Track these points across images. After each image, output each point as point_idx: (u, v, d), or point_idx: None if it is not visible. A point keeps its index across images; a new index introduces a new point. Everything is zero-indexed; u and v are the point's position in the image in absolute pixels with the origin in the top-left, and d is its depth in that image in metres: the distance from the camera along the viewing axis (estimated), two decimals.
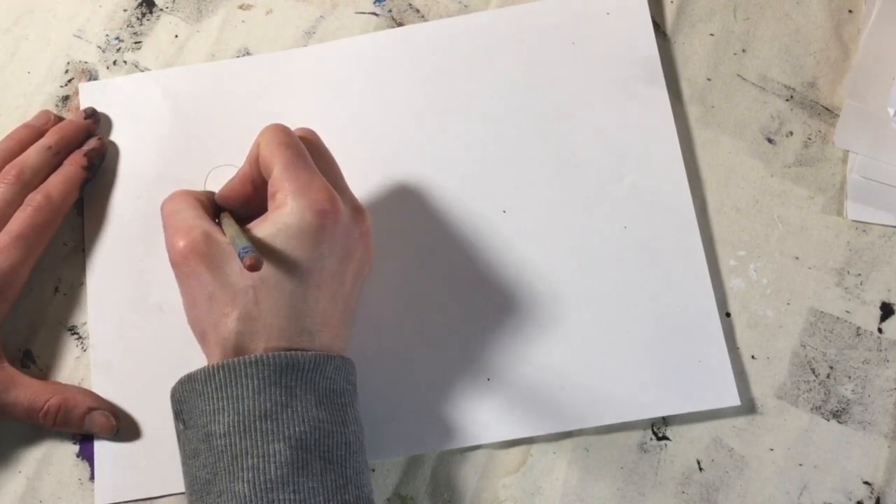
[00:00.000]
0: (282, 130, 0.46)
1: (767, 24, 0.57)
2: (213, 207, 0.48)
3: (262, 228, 0.44)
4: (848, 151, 0.54)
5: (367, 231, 0.47)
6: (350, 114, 0.56)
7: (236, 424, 0.41)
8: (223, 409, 0.41)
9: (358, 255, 0.46)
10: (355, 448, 0.43)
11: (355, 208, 0.46)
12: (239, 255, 0.41)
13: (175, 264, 0.45)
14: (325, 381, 0.43)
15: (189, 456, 0.42)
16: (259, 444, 0.40)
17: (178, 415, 0.43)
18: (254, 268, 0.40)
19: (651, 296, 0.51)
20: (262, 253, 0.42)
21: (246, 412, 0.41)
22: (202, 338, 0.45)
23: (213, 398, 0.41)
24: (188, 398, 0.43)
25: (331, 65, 0.57)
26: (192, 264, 0.44)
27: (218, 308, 0.43)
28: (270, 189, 0.45)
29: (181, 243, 0.44)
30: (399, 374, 0.50)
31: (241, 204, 0.48)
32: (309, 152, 0.46)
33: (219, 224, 0.47)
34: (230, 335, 0.43)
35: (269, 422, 0.41)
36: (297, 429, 0.41)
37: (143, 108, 0.56)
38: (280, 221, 0.44)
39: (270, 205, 0.45)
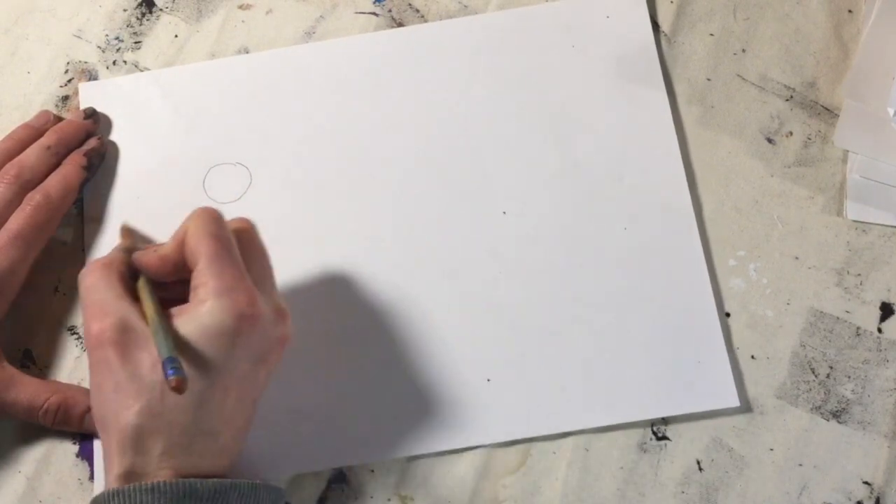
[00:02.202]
0: (213, 219, 0.44)
1: (767, 24, 0.57)
2: (132, 272, 0.46)
3: (181, 323, 0.42)
4: (848, 151, 0.54)
5: (285, 336, 0.45)
6: (349, 113, 0.56)
7: None
8: None
9: (273, 359, 0.45)
10: None
11: (278, 311, 0.45)
12: (164, 367, 0.40)
13: (88, 347, 0.43)
14: None
15: None
16: None
17: None
18: (179, 390, 0.39)
19: (651, 296, 0.51)
20: (178, 349, 0.41)
21: None
22: (101, 425, 0.43)
23: None
24: None
25: (331, 63, 0.57)
26: (104, 351, 0.42)
27: (122, 399, 0.41)
28: (193, 281, 0.44)
29: (96, 329, 0.42)
30: (399, 374, 0.50)
31: (160, 277, 0.46)
32: (241, 245, 0.45)
33: (135, 293, 0.45)
34: (128, 429, 0.41)
35: None
36: None
37: (143, 108, 0.56)
38: (198, 320, 0.42)
39: (192, 297, 0.43)
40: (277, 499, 0.44)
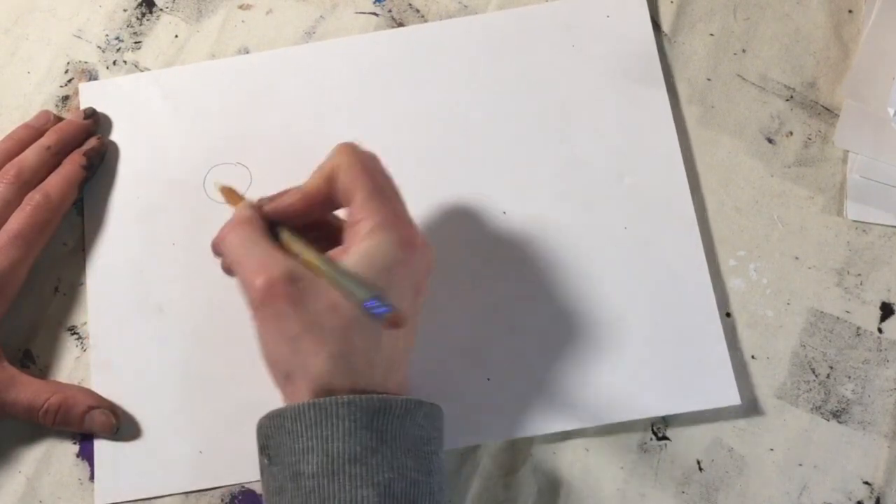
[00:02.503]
0: (364, 154, 0.44)
1: (767, 24, 0.57)
2: (269, 226, 0.45)
3: (350, 262, 0.42)
4: (848, 151, 0.54)
5: (431, 263, 0.45)
6: (349, 113, 0.56)
7: (325, 466, 0.40)
8: (312, 448, 0.40)
9: (424, 288, 0.45)
10: (439, 498, 0.42)
11: (424, 243, 0.45)
12: (367, 309, 0.39)
13: (256, 305, 0.42)
14: (414, 427, 0.42)
15: (274, 493, 0.41)
16: (347, 488, 0.39)
17: (264, 449, 0.42)
18: (398, 324, 0.39)
19: (651, 296, 0.51)
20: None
21: (335, 454, 0.40)
22: (286, 378, 0.43)
23: (302, 437, 0.40)
24: (275, 434, 0.41)
25: (331, 63, 0.57)
26: (277, 305, 0.41)
27: (306, 347, 0.41)
28: (351, 217, 0.43)
29: (262, 283, 0.42)
30: None
31: (301, 219, 0.46)
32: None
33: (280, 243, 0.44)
34: (320, 375, 0.41)
35: (358, 466, 0.40)
36: (385, 475, 0.40)
37: (143, 108, 0.56)
38: (368, 255, 0.42)
39: (350, 233, 0.43)
40: (442, 423, 0.45)
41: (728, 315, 0.51)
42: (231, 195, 0.48)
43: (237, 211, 0.46)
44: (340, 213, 0.46)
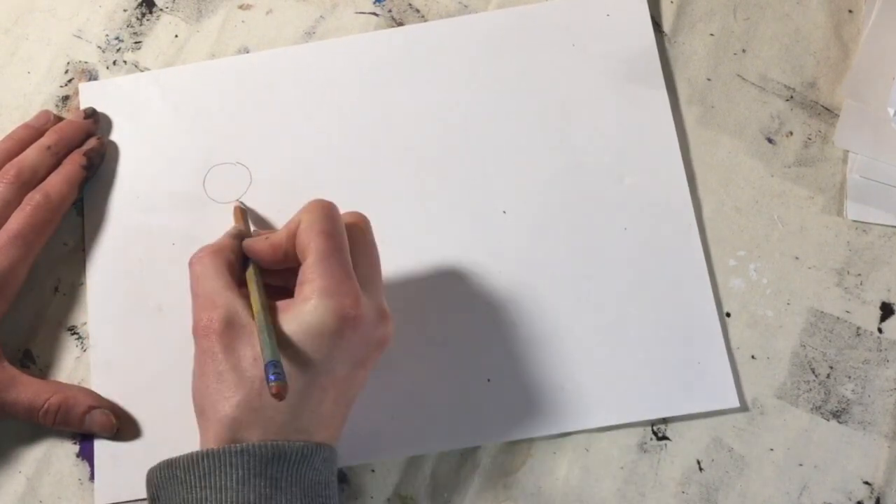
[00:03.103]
0: (326, 215, 0.44)
1: (767, 24, 0.57)
2: (241, 258, 0.47)
3: (285, 321, 0.43)
4: (848, 151, 0.54)
5: (387, 337, 0.45)
6: (350, 113, 0.56)
7: None
8: (206, 499, 0.40)
9: (371, 362, 0.45)
10: None
11: (380, 312, 0.44)
12: (266, 370, 0.40)
13: (195, 335, 0.44)
14: (311, 472, 0.42)
15: None
16: None
17: (154, 501, 0.42)
18: (279, 397, 0.39)
19: (651, 296, 0.51)
20: (279, 346, 0.41)
21: None
22: (200, 412, 0.44)
23: (195, 487, 0.40)
24: (167, 485, 0.41)
25: (331, 63, 0.57)
26: (209, 341, 0.43)
27: (223, 389, 0.42)
28: (301, 276, 0.44)
29: (204, 319, 0.43)
30: (399, 375, 0.50)
31: (269, 265, 0.47)
32: (352, 241, 0.45)
33: (243, 280, 0.46)
34: (226, 420, 0.42)
35: None
36: None
37: (143, 108, 0.56)
38: (302, 318, 0.42)
39: (297, 292, 0.44)
40: (336, 464, 0.45)
41: (728, 315, 0.51)
42: (238, 216, 0.51)
43: (220, 237, 0.48)
44: None
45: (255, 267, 0.46)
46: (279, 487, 0.40)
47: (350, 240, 0.45)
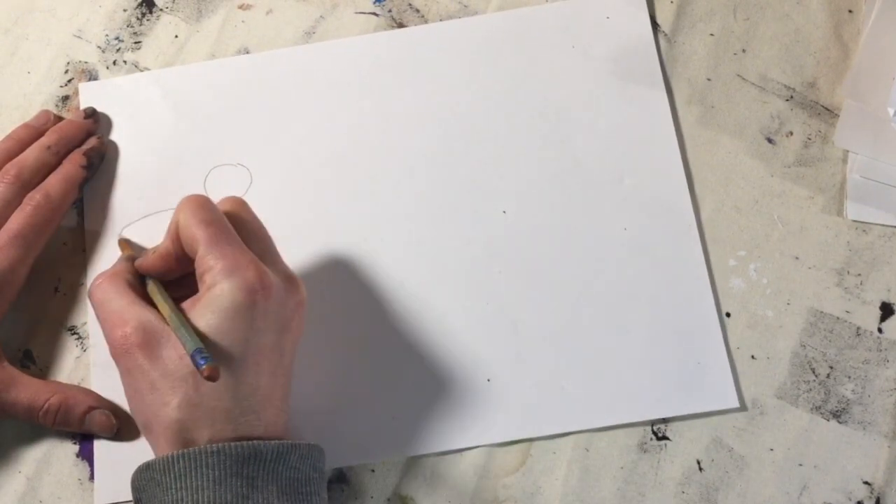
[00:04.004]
0: (200, 206, 0.45)
1: (767, 24, 0.57)
2: (138, 278, 0.47)
3: (198, 313, 0.43)
4: (848, 151, 0.54)
5: (301, 301, 0.46)
6: (350, 113, 0.56)
7: None
8: (182, 499, 0.40)
9: (294, 326, 0.45)
10: None
11: (288, 278, 0.45)
12: (193, 359, 0.40)
13: (115, 356, 0.44)
14: (288, 470, 0.42)
15: None
16: None
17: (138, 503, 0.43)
18: (213, 378, 0.40)
19: (650, 296, 0.51)
20: (199, 337, 0.42)
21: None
22: (146, 428, 0.44)
23: (171, 488, 0.41)
24: (147, 487, 0.42)
25: (331, 64, 0.57)
26: (131, 356, 0.43)
27: (159, 397, 0.42)
28: (198, 269, 0.44)
29: (118, 336, 0.43)
30: (399, 375, 0.50)
31: (165, 275, 0.47)
32: (235, 225, 0.45)
33: (148, 298, 0.46)
34: (173, 425, 0.42)
35: None
36: None
37: (143, 108, 0.56)
38: (213, 304, 0.43)
39: (200, 285, 0.44)
40: (323, 461, 0.45)
41: (727, 315, 0.51)
42: (123, 246, 0.52)
43: (113, 264, 0.49)
44: None
45: (155, 281, 0.47)
46: (255, 486, 0.41)
47: (234, 225, 0.45)
